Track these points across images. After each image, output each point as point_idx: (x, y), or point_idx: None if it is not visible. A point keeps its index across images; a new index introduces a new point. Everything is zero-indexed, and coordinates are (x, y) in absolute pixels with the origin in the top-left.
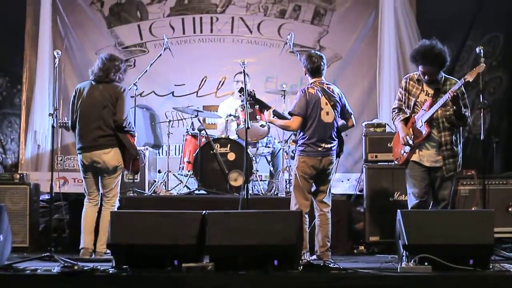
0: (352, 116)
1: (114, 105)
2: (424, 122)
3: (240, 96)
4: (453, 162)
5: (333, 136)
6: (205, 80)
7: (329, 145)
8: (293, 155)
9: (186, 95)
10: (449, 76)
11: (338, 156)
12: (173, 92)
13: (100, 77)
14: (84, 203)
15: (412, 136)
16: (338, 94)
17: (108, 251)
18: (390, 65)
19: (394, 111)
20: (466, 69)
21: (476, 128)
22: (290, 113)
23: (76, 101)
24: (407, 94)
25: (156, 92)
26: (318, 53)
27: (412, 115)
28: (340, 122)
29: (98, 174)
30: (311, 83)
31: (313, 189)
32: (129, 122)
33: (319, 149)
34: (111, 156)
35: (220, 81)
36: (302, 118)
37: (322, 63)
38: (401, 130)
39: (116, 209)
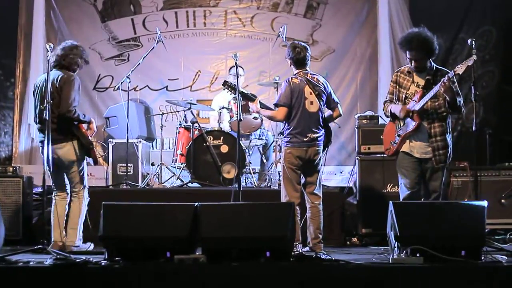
0: (338, 105)
1: (60, 95)
2: (415, 114)
3: (224, 89)
4: (443, 154)
5: (319, 126)
6: (199, 75)
7: (314, 135)
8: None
9: (180, 89)
10: (440, 67)
11: (326, 146)
12: (166, 87)
13: (58, 63)
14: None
15: (403, 126)
16: (323, 83)
17: (77, 245)
18: (384, 58)
19: (385, 103)
20: (460, 62)
21: (469, 121)
22: (276, 104)
23: (34, 96)
24: (397, 87)
25: (150, 87)
26: (303, 43)
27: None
28: (327, 112)
29: (60, 169)
30: (296, 74)
31: (302, 181)
32: (75, 111)
33: (305, 139)
34: (65, 151)
35: (214, 75)
36: (287, 108)
37: (307, 54)
38: (395, 106)
39: (86, 202)
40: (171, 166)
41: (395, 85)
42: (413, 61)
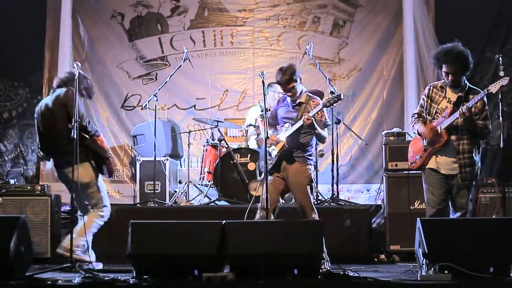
0: None
1: (66, 113)
2: (443, 129)
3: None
4: (470, 171)
5: None
6: (227, 93)
7: None
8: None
9: (208, 108)
10: (474, 87)
11: None
12: (194, 106)
13: (57, 83)
14: None
15: (429, 141)
16: None
17: (77, 253)
18: (410, 75)
19: (414, 116)
20: (487, 81)
21: (493, 139)
22: (327, 125)
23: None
24: (429, 101)
25: (178, 106)
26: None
27: (432, 121)
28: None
29: (78, 190)
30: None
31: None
32: (89, 121)
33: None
34: (81, 173)
35: (241, 94)
36: None
37: None
38: (422, 128)
39: (101, 220)
40: (199, 184)
41: (427, 99)
42: (449, 75)
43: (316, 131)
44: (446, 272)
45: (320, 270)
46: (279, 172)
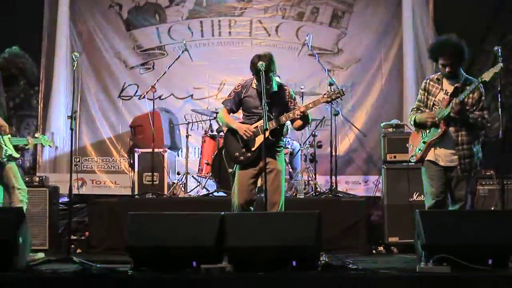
0: None
1: None
2: (441, 121)
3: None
4: (469, 163)
5: None
6: (224, 83)
7: None
8: (311, 157)
9: (205, 98)
10: (470, 77)
11: None
12: (192, 95)
13: None
14: None
15: (428, 133)
16: None
17: None
18: (409, 67)
19: (412, 110)
20: (486, 71)
21: (492, 131)
22: None
23: None
24: (426, 94)
25: (175, 95)
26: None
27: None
28: None
29: None
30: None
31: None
32: None
33: None
34: None
35: None
36: None
37: None
38: (421, 116)
39: (21, 204)
40: (197, 175)
41: (424, 92)
42: (445, 67)
43: (307, 122)
44: (444, 264)
45: (319, 262)
46: (257, 165)
